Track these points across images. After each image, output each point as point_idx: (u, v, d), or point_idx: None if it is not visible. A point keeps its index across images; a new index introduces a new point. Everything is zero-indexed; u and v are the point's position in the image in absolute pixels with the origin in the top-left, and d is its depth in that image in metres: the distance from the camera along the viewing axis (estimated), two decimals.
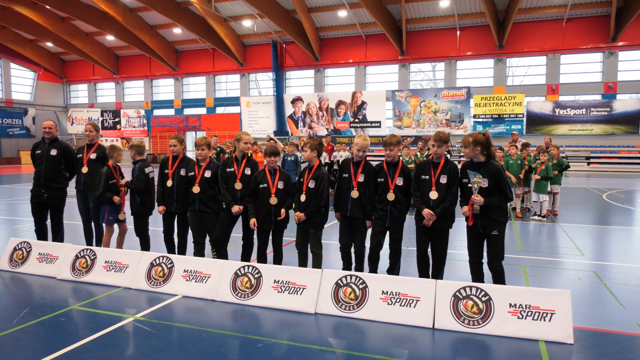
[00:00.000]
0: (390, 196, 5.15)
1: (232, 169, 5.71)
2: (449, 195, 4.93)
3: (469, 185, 4.63)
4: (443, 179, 4.94)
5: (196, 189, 5.73)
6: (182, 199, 6.00)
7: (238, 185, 5.64)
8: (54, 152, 6.56)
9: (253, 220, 5.46)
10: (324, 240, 5.70)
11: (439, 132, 5.05)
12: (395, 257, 5.32)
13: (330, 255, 6.64)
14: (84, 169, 6.60)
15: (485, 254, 4.83)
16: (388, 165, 5.26)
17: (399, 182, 5.17)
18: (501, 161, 10.77)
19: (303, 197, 5.32)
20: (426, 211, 4.91)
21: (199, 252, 5.82)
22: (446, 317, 4.27)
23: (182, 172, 5.99)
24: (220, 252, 5.78)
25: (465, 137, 4.76)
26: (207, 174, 5.79)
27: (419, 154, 12.57)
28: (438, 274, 5.06)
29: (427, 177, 5.01)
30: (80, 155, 6.69)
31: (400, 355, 3.80)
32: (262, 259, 5.62)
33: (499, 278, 4.69)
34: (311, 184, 5.33)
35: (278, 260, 5.58)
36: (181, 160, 6.08)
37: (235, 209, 5.59)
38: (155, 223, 8.68)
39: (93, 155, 6.64)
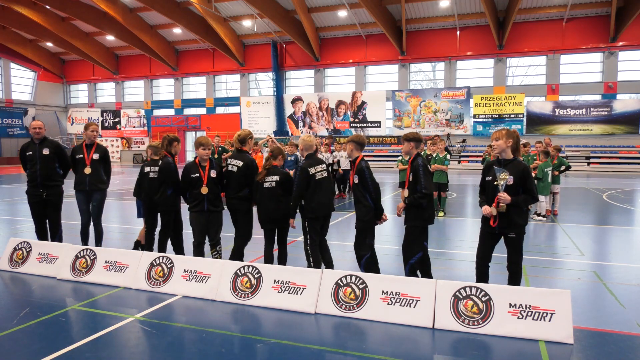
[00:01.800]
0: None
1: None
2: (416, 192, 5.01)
3: (495, 182, 4.49)
4: (411, 177, 5.05)
5: (204, 190, 5.76)
6: None
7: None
8: (46, 151, 6.56)
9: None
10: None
11: (406, 133, 5.23)
12: (358, 252, 5.34)
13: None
14: (87, 170, 6.60)
15: (488, 256, 4.82)
16: (351, 165, 5.39)
17: (355, 179, 5.26)
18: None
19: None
20: (398, 205, 5.24)
21: (201, 253, 5.82)
22: (446, 317, 4.27)
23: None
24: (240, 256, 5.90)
25: (498, 131, 4.67)
26: (213, 173, 5.86)
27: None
28: (405, 266, 5.16)
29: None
30: (81, 156, 6.64)
31: (400, 355, 3.80)
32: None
33: (515, 280, 4.62)
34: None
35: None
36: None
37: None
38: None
39: (96, 156, 6.68)
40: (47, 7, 30.16)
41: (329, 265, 5.61)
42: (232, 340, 4.09)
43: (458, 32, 29.11)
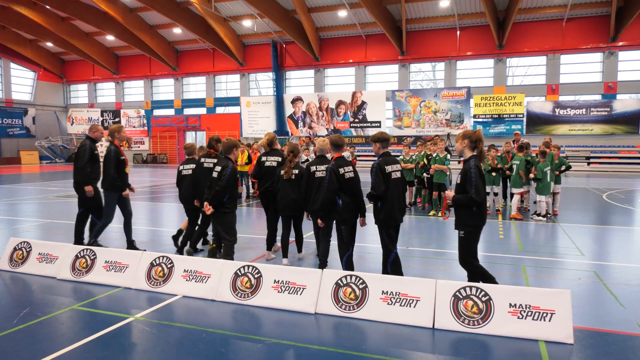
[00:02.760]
0: None
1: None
2: None
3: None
4: None
5: (242, 189, 6.02)
6: None
7: None
8: None
9: None
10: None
11: (373, 134, 5.38)
12: (339, 250, 5.56)
13: (331, 254, 6.64)
14: (129, 169, 7.15)
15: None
16: None
17: None
18: (488, 161, 10.81)
19: None
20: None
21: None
22: (446, 317, 4.27)
23: None
24: None
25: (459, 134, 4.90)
26: None
27: (416, 154, 12.51)
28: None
29: None
30: (123, 157, 7.01)
31: (400, 355, 3.80)
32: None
33: (471, 278, 4.70)
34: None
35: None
36: None
37: None
38: (156, 222, 8.69)
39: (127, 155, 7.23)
40: (47, 7, 30.13)
41: (321, 258, 5.80)
42: (232, 340, 4.09)
43: (458, 32, 29.10)
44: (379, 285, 4.60)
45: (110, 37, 34.26)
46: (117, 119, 39.32)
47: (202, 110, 36.85)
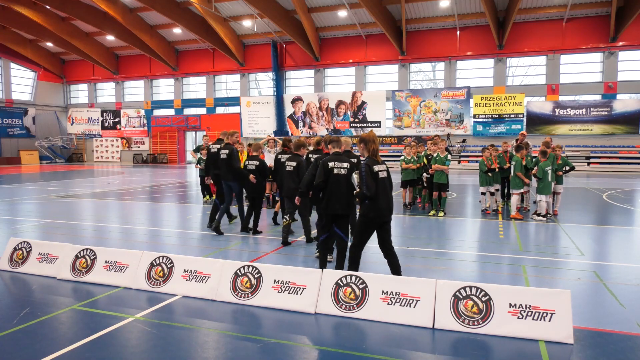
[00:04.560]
0: None
1: None
2: None
3: None
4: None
5: None
6: None
7: None
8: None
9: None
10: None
11: (329, 136, 6.11)
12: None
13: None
14: None
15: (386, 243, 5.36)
16: None
17: None
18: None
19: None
20: None
21: None
22: (446, 317, 4.27)
23: None
24: None
25: None
26: None
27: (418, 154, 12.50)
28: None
29: None
30: None
31: (400, 355, 3.80)
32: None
33: (349, 262, 5.26)
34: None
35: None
36: None
37: None
38: (157, 222, 8.68)
39: None
40: (47, 7, 30.14)
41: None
42: (232, 341, 4.09)
43: (458, 32, 29.10)
44: (379, 285, 4.60)
45: (110, 37, 34.27)
46: (117, 119, 39.36)
47: (202, 110, 36.85)
